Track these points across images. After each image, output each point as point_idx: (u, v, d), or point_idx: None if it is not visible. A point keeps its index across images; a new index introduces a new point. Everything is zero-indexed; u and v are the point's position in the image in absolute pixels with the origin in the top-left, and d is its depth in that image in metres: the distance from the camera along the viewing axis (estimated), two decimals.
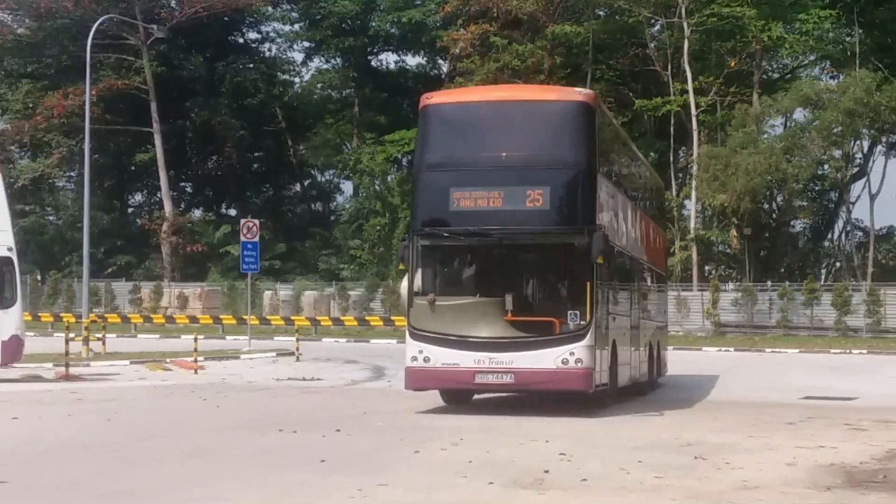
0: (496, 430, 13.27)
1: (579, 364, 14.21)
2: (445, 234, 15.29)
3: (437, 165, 15.32)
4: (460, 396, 15.78)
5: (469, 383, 14.69)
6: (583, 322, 14.30)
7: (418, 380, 14.88)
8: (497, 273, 15.80)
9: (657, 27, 50.86)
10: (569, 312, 14.52)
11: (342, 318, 44.37)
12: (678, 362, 25.10)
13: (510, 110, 15.80)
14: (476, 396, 16.38)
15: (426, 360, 14.50)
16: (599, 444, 12.10)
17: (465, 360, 14.38)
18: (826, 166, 48.32)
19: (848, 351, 35.83)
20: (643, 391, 19.61)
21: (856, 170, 50.45)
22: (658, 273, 22.60)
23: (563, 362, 14.15)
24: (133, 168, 58.75)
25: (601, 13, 52.36)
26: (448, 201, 14.97)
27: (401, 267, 15.66)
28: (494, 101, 16.70)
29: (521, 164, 15.11)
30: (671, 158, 48.77)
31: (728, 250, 52.52)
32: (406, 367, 14.88)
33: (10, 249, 20.78)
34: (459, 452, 11.07)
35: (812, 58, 53.10)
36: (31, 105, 54.58)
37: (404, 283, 15.24)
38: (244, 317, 38.24)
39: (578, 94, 16.35)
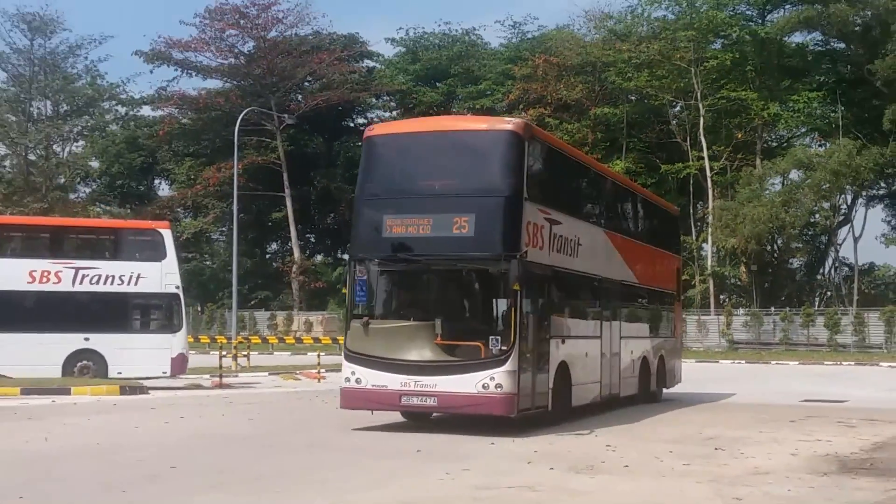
0: None
1: (499, 389, 11.81)
2: (377, 260, 13.11)
3: (374, 194, 13.33)
4: (417, 415, 13.48)
5: (395, 405, 12.53)
6: (504, 347, 11.87)
7: (350, 400, 12.68)
8: (427, 298, 13.53)
9: (678, 108, 50.67)
10: (490, 338, 12.01)
11: None
12: (700, 371, 24.93)
13: (443, 141, 13.44)
14: None
15: (358, 381, 12.46)
16: (639, 437, 12.01)
17: (393, 382, 12.27)
18: (817, 215, 47.92)
19: (839, 363, 35.36)
20: (652, 398, 18.04)
21: (842, 218, 49.79)
22: (658, 291, 19.86)
23: (483, 387, 11.82)
24: (270, 224, 59.66)
25: (633, 97, 52.27)
26: (382, 228, 12.89)
27: (344, 290, 14.08)
28: (428, 132, 14.10)
29: (450, 193, 12.89)
30: (691, 211, 48.22)
31: (738, 283, 51.75)
32: (341, 388, 12.81)
33: (177, 287, 21.60)
34: (525, 445, 11.08)
35: (804, 130, 52.67)
36: (192, 177, 55.53)
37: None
38: None
39: (507, 123, 13.36)
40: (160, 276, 21.34)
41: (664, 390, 19.43)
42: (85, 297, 20.83)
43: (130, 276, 21.02)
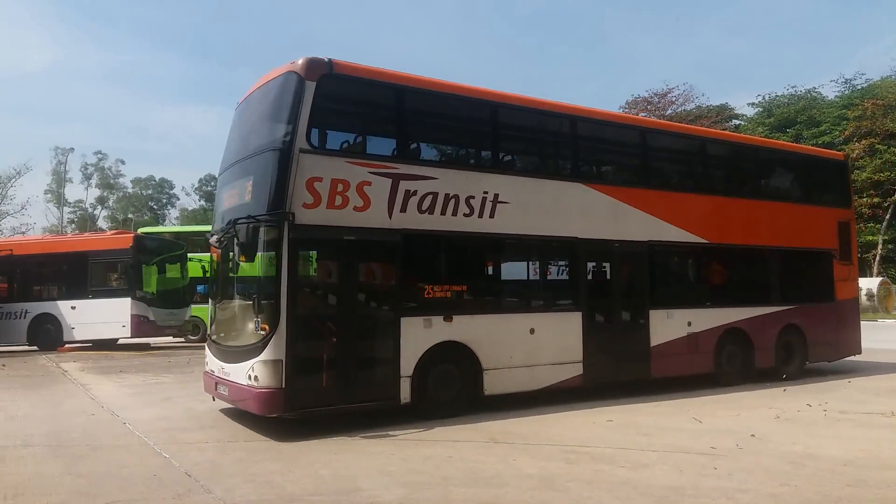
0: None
1: (256, 383, 9.76)
2: (209, 237, 11.55)
3: (220, 171, 11.91)
4: None
5: (215, 393, 10.95)
6: (263, 331, 9.74)
7: (205, 386, 11.49)
8: (241, 275, 10.97)
9: None
10: (255, 320, 9.86)
11: None
12: None
13: (248, 102, 11.61)
14: None
15: (206, 364, 11.44)
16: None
17: (214, 367, 10.98)
18: None
19: None
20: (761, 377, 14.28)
21: None
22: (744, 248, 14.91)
23: (249, 378, 9.85)
24: None
25: None
26: (216, 206, 11.75)
27: None
28: (245, 97, 11.86)
29: (241, 157, 11.05)
30: None
31: None
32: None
33: None
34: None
35: None
36: None
37: None
38: None
39: (291, 65, 10.46)
40: None
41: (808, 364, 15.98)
42: None
43: None
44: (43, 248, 25.18)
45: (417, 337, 10.82)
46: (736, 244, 14.89)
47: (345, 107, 11.25)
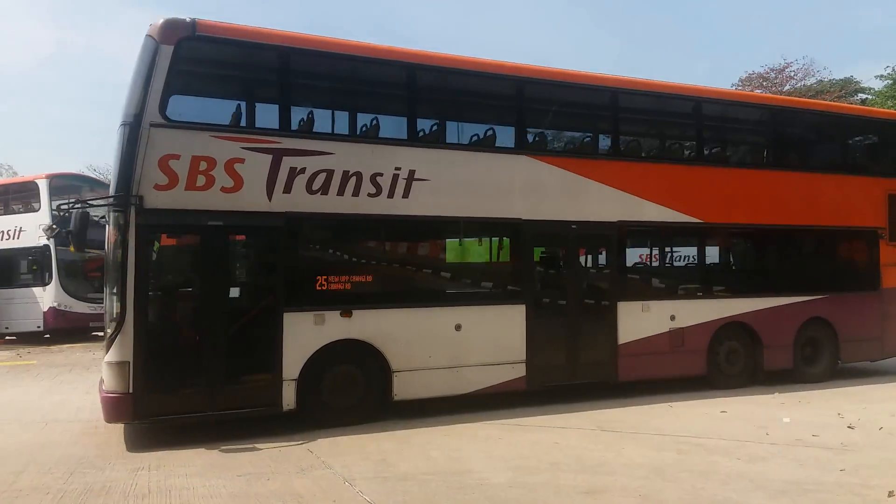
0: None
1: (103, 386, 8.69)
2: None
3: None
4: None
5: None
6: (111, 330, 8.59)
7: None
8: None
9: None
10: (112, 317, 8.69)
11: None
12: None
13: None
14: None
15: None
16: None
17: None
18: None
19: None
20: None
21: None
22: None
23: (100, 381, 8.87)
24: None
25: None
26: None
27: None
28: None
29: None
30: None
31: None
32: None
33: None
34: None
35: None
36: None
37: None
38: None
39: (150, 27, 8.97)
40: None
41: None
42: None
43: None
44: None
45: (305, 335, 9.41)
46: (740, 224, 12.50)
47: (214, 73, 9.88)
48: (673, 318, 11.73)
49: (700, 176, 12.13)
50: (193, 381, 8.93)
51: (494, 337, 10.54)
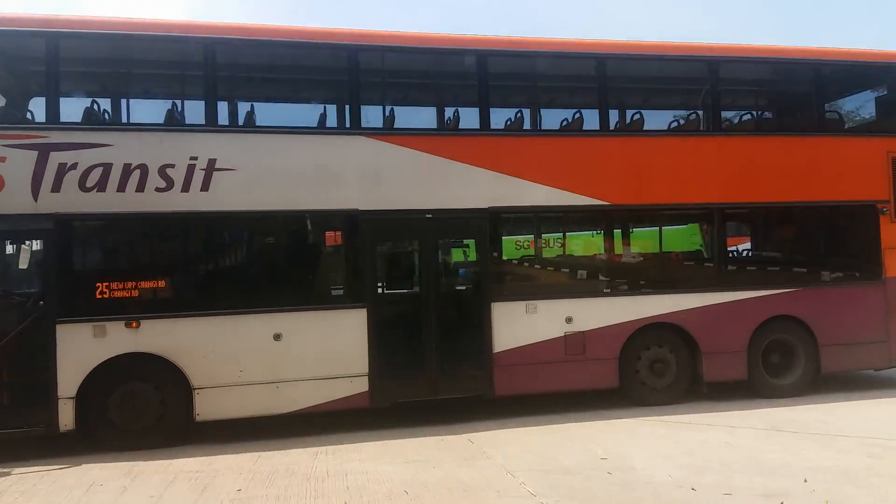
0: None
1: None
2: None
3: None
4: None
5: None
6: None
7: None
8: None
9: None
10: None
11: None
12: None
13: None
14: None
15: None
16: None
17: None
18: None
19: None
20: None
21: None
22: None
23: None
24: None
25: None
26: None
27: None
28: None
29: None
30: None
31: None
32: None
33: None
34: None
35: None
36: None
37: None
38: None
39: None
40: None
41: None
42: None
43: None
44: None
45: (83, 348, 8.30)
46: (663, 204, 10.10)
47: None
48: (569, 320, 9.59)
49: (606, 149, 9.88)
50: None
51: (326, 347, 8.93)
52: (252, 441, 8.56)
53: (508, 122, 10.23)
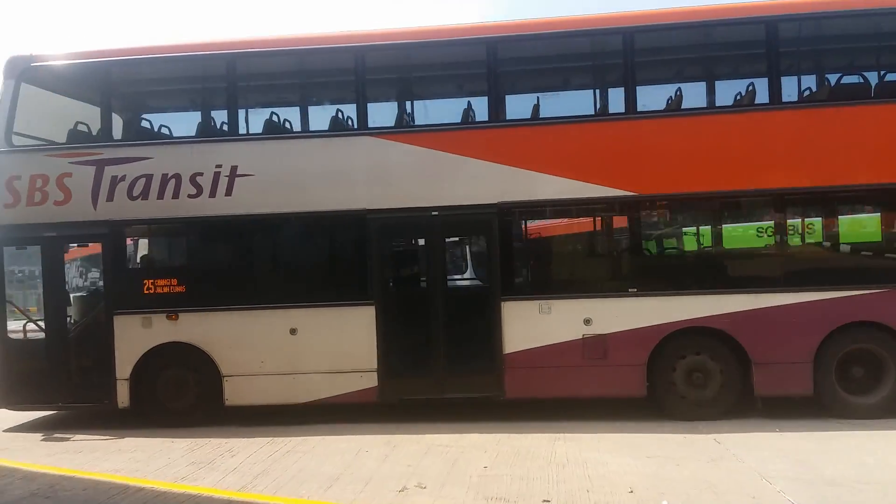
0: None
1: None
2: None
3: None
4: None
5: None
6: None
7: None
8: None
9: None
10: None
11: None
12: None
13: None
14: None
15: None
16: None
17: None
18: None
19: None
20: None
21: None
22: None
23: None
24: None
25: None
26: None
27: None
28: None
29: None
30: None
31: None
32: None
33: None
34: None
35: None
36: None
37: None
38: None
39: None
40: None
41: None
42: None
43: None
44: None
45: (134, 337, 9.54)
46: (699, 193, 8.81)
47: (54, 98, 10.31)
48: (588, 321, 8.84)
49: (629, 133, 8.84)
50: (35, 376, 9.70)
51: (337, 342, 9.24)
52: (492, 422, 8.81)
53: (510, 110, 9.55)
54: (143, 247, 10.22)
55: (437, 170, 9.05)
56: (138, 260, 10.18)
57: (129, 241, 9.89)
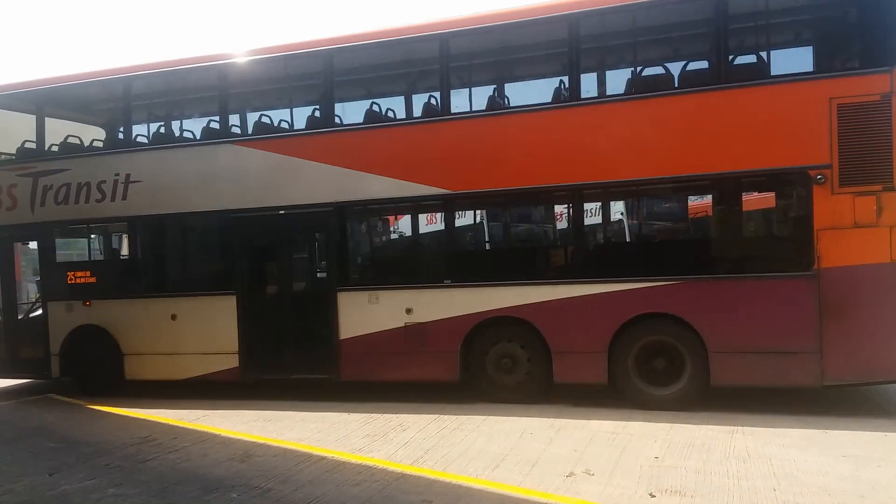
0: None
1: None
2: None
3: None
4: None
5: None
6: None
7: None
8: None
9: None
10: None
11: None
12: None
13: None
14: None
15: None
16: None
17: None
18: None
19: None
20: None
21: None
22: None
23: None
24: None
25: None
26: None
27: None
28: None
29: None
30: None
31: None
32: None
33: None
34: None
35: None
36: None
37: None
38: None
39: None
40: None
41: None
42: None
43: None
44: None
45: (61, 320, 11.18)
46: (507, 189, 9.08)
47: (14, 124, 11.96)
48: (409, 311, 9.39)
49: (441, 135, 9.27)
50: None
51: (208, 328, 10.36)
52: (657, 412, 8.34)
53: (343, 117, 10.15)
54: (67, 245, 11.84)
55: (285, 173, 9.89)
56: (63, 255, 11.81)
57: (57, 240, 11.48)
